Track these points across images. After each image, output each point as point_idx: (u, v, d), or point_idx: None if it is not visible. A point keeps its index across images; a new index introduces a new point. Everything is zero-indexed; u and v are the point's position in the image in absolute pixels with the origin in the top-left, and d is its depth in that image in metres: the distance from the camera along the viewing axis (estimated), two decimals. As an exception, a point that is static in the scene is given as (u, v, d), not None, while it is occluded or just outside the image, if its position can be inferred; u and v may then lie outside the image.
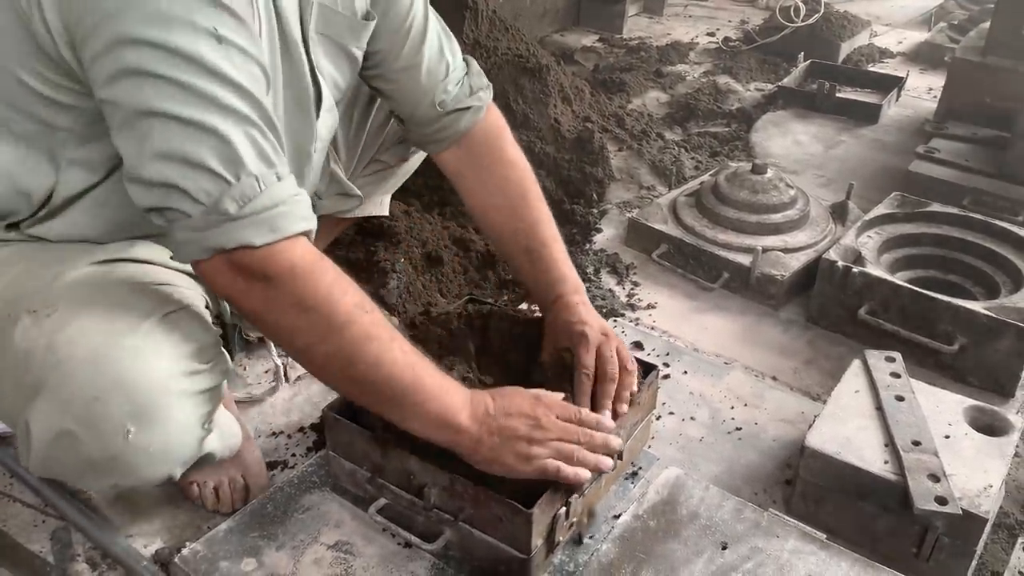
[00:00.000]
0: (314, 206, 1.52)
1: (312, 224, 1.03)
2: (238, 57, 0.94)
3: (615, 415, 1.27)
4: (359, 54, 1.27)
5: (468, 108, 1.38)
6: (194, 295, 1.13)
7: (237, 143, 0.94)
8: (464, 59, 1.40)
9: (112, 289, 1.05)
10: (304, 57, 1.16)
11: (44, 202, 1.10)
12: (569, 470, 1.14)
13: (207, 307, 1.18)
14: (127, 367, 1.00)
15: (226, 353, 1.15)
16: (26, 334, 1.01)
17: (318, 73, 1.19)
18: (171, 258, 1.13)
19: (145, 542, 1.32)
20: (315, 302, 1.01)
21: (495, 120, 1.44)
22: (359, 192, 1.57)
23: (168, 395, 1.02)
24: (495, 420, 1.13)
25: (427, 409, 1.09)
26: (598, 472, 1.18)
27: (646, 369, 1.42)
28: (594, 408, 1.27)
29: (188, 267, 1.17)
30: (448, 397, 1.11)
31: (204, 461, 1.30)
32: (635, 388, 1.32)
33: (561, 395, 1.21)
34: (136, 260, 1.12)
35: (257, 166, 0.95)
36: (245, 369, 1.68)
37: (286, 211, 0.98)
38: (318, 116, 1.21)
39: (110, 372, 0.99)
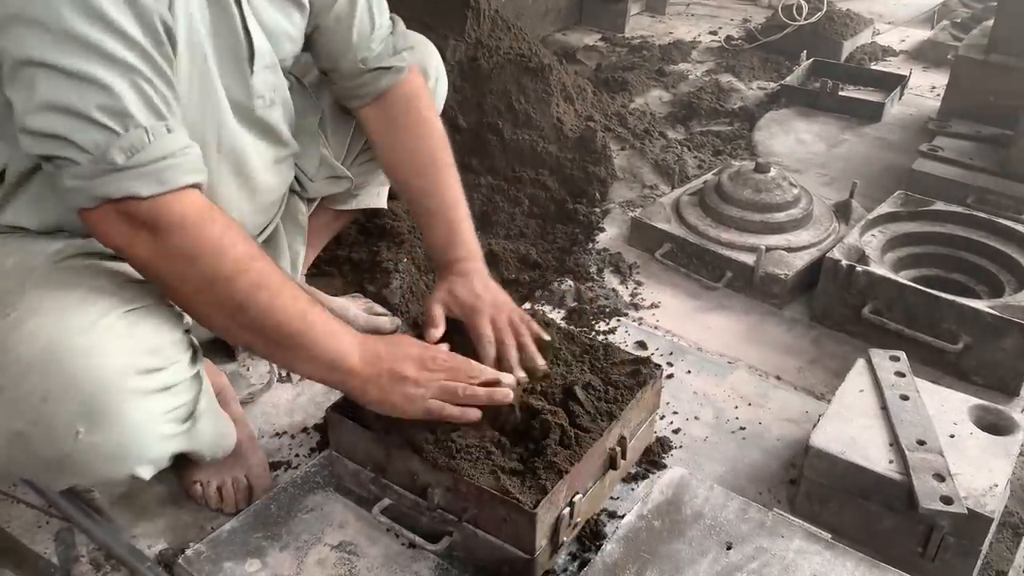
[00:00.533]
0: (305, 188, 1.54)
1: (202, 177, 1.04)
2: (124, 2, 0.94)
3: (531, 374, 1.34)
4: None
5: (390, 68, 1.41)
6: (151, 297, 1.11)
7: (124, 95, 0.94)
8: (391, 17, 1.43)
9: (73, 287, 1.04)
10: (235, 9, 1.15)
11: None
12: (454, 410, 1.19)
13: None
14: (77, 366, 0.99)
15: (196, 347, 1.15)
16: None
17: (252, 27, 1.18)
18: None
19: (149, 542, 1.32)
20: (204, 252, 1.03)
21: (415, 82, 1.47)
22: (349, 174, 1.58)
23: (119, 394, 1.01)
24: (384, 363, 1.17)
25: (317, 353, 1.13)
26: (493, 405, 1.22)
27: (650, 367, 1.42)
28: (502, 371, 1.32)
29: None
30: (338, 341, 1.14)
31: (197, 460, 1.29)
32: (540, 336, 1.40)
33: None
34: (104, 255, 1.11)
35: (146, 117, 0.96)
36: (248, 369, 1.68)
37: (175, 163, 0.99)
38: (252, 72, 1.20)
39: (59, 372, 0.98)
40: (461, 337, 1.37)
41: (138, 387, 1.03)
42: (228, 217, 1.07)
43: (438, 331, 1.37)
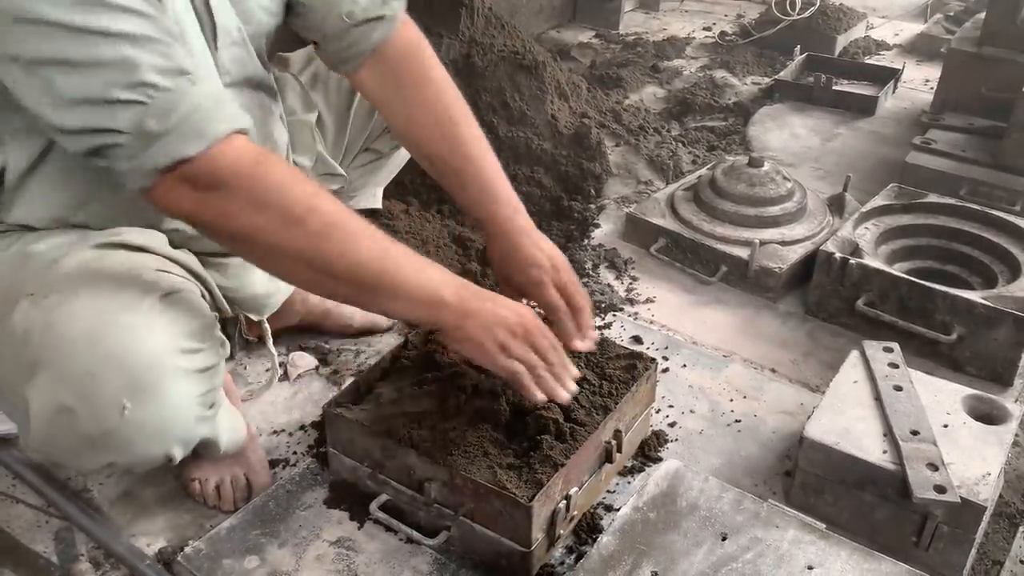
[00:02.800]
0: None
1: (242, 122, 1.01)
2: None
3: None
4: None
5: (380, 18, 1.29)
6: (190, 284, 1.13)
7: (137, 66, 0.92)
8: None
9: (109, 272, 1.06)
10: None
11: None
12: (531, 383, 1.15)
13: (204, 298, 1.19)
14: (122, 343, 1.00)
15: (224, 337, 1.16)
16: (25, 315, 1.02)
17: (214, 2, 1.15)
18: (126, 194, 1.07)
19: (148, 541, 1.33)
20: (268, 197, 1.00)
21: (412, 34, 1.35)
22: (343, 172, 1.57)
23: (163, 371, 1.03)
24: (481, 301, 1.12)
25: (406, 289, 1.08)
26: (551, 399, 1.18)
27: (645, 361, 1.43)
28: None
29: (184, 257, 1.16)
30: (427, 274, 1.10)
31: (209, 451, 1.30)
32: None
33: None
34: (131, 246, 1.12)
35: (165, 80, 0.94)
36: (245, 368, 1.69)
37: (207, 115, 0.97)
38: (216, 48, 1.17)
39: (106, 348, 1.00)
40: None
41: (181, 366, 1.04)
42: (281, 158, 1.03)
43: None
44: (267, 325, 1.52)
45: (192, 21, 1.13)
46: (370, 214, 1.98)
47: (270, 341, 1.53)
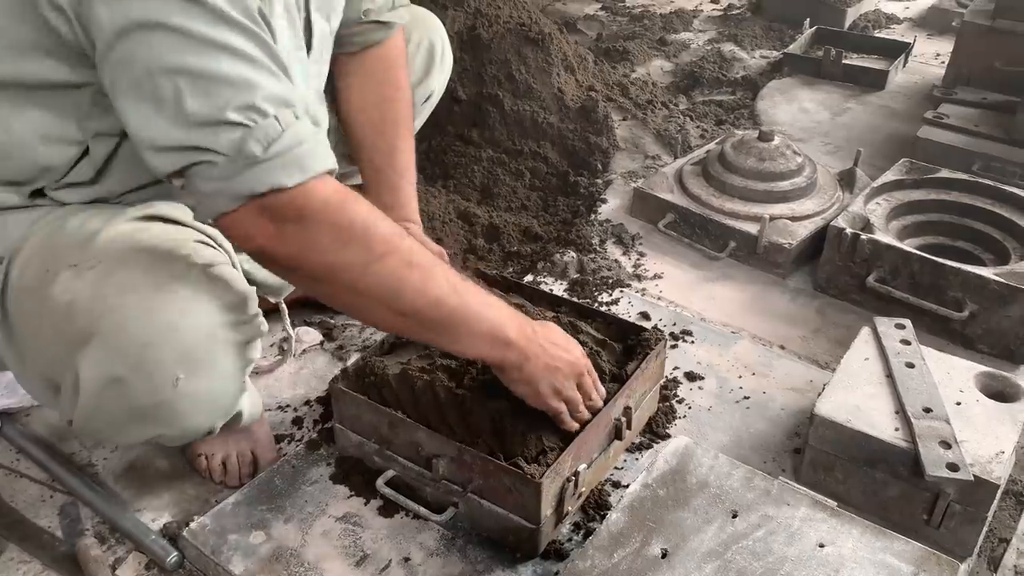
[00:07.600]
0: None
1: (333, 163, 1.00)
2: None
3: None
4: None
5: (386, 23, 1.44)
6: (224, 256, 1.11)
7: (256, 87, 0.91)
8: None
9: (152, 243, 1.05)
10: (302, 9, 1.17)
11: (69, 170, 1.08)
12: (569, 420, 1.23)
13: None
14: (178, 314, 1.00)
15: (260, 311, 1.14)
16: (68, 286, 1.00)
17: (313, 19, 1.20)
18: (194, 217, 1.07)
19: (153, 516, 1.32)
20: (352, 235, 0.99)
21: (400, 44, 1.51)
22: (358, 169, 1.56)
23: (216, 343, 1.03)
24: (540, 345, 1.16)
25: (476, 328, 1.10)
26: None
27: (654, 338, 1.41)
28: None
29: (211, 229, 1.13)
30: (495, 313, 1.12)
31: (230, 423, 1.29)
32: None
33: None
34: (167, 219, 1.10)
35: (274, 107, 0.92)
36: (250, 343, 1.68)
37: (310, 149, 0.95)
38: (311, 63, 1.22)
39: (161, 319, 0.99)
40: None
41: (230, 338, 1.05)
42: (364, 199, 1.03)
43: None
44: (283, 304, 1.51)
45: (299, 45, 1.16)
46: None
47: (287, 320, 1.53)
